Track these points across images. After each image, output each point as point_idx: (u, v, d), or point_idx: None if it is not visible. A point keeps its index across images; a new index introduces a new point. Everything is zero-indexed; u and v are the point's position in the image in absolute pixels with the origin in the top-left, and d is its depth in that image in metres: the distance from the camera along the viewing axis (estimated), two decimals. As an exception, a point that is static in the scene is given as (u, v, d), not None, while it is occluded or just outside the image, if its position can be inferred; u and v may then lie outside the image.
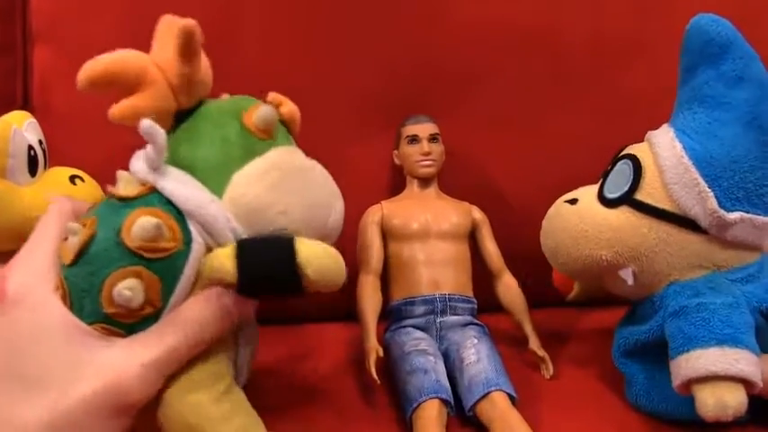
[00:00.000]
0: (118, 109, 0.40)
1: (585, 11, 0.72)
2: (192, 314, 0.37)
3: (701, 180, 0.44)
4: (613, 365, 0.53)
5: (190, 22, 0.39)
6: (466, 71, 0.71)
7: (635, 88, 0.71)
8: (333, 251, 0.39)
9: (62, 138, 0.61)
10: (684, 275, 0.46)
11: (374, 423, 0.50)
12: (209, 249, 0.38)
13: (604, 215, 0.48)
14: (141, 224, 0.36)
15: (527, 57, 0.71)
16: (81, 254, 0.36)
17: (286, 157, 0.42)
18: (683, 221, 0.45)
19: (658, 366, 0.46)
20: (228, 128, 0.41)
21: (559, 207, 0.53)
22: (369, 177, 0.70)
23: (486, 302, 0.61)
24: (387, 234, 0.61)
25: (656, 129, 0.50)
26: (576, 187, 0.55)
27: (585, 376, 0.56)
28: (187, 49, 0.40)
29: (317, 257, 0.38)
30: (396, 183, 0.68)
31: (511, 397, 0.48)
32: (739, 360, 0.39)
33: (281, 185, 0.40)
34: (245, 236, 0.39)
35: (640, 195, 0.47)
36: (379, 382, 0.51)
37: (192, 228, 0.38)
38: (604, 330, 0.62)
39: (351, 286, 0.57)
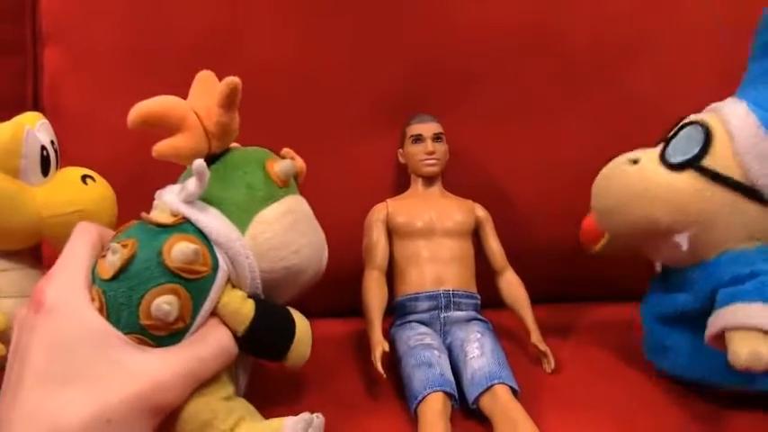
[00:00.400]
0: (161, 147, 0.45)
1: (587, 11, 0.72)
2: (218, 335, 0.43)
3: None
4: (612, 358, 0.54)
5: (235, 78, 0.44)
6: (469, 71, 0.72)
7: (637, 88, 0.72)
8: (308, 327, 0.48)
9: (71, 138, 0.62)
10: (738, 245, 0.46)
11: (380, 416, 0.51)
12: (229, 278, 0.44)
13: (669, 178, 0.48)
14: (181, 248, 0.40)
15: (530, 57, 0.72)
16: (122, 270, 0.41)
17: (298, 204, 0.48)
18: (748, 191, 0.45)
19: (700, 334, 0.45)
20: (254, 174, 0.46)
21: (620, 165, 0.52)
22: (374, 176, 0.71)
23: (489, 299, 0.61)
24: (392, 231, 0.62)
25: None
26: (578, 186, 0.55)
27: (586, 370, 0.57)
28: (229, 102, 0.44)
29: (304, 335, 0.47)
30: (400, 181, 0.69)
31: (513, 390, 0.49)
32: None
33: (295, 228, 0.46)
34: (256, 269, 0.44)
35: (709, 161, 0.46)
36: (384, 375, 0.52)
37: (219, 256, 0.43)
38: (605, 325, 0.65)
39: (356, 282, 0.59)
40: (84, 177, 0.56)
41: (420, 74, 0.71)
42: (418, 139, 0.64)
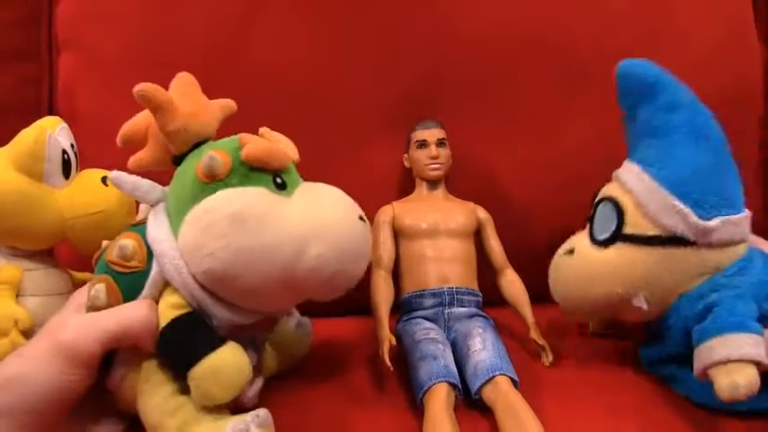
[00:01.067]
0: (130, 162, 0.49)
1: (589, 18, 0.74)
2: (134, 310, 0.43)
3: (675, 201, 0.48)
4: (607, 353, 0.57)
5: (139, 87, 0.44)
6: (472, 78, 0.74)
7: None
8: (235, 377, 0.42)
9: (85, 142, 0.63)
10: (690, 286, 0.49)
11: (388, 406, 0.52)
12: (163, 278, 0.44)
13: (602, 255, 0.52)
14: (117, 244, 0.44)
15: (534, 63, 0.74)
16: (96, 261, 0.47)
17: (222, 202, 0.43)
18: (672, 240, 0.49)
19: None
20: (188, 174, 0.45)
21: (558, 261, 0.57)
22: (380, 179, 0.73)
23: (490, 297, 0.63)
24: (398, 232, 0.64)
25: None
26: (577, 189, 0.57)
27: (582, 364, 0.59)
28: (149, 107, 0.45)
29: (218, 377, 0.41)
30: (406, 185, 0.71)
31: (514, 381, 0.50)
32: (742, 344, 0.42)
33: (211, 229, 0.42)
34: (185, 271, 0.43)
35: (628, 229, 0.50)
36: (392, 368, 0.53)
37: (154, 258, 0.44)
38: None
39: (364, 281, 0.58)
40: (103, 179, 0.58)
41: (425, 81, 0.73)
42: (423, 144, 0.67)
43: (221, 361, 0.41)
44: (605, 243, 0.52)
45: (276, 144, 0.48)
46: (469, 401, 0.51)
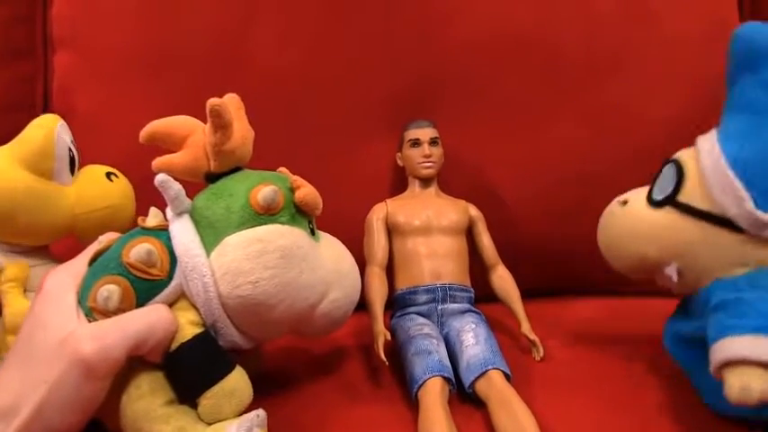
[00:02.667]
0: (158, 161, 0.49)
1: (577, 22, 0.75)
2: (156, 314, 0.43)
3: (738, 183, 0.45)
4: (598, 347, 0.57)
5: (216, 101, 0.45)
6: (464, 79, 0.74)
7: (623, 95, 0.74)
8: (245, 400, 0.43)
9: (81, 141, 0.62)
10: (727, 273, 0.47)
11: (383, 401, 0.53)
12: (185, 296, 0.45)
13: (650, 215, 0.50)
14: (138, 247, 0.43)
15: (523, 65, 0.75)
16: (94, 259, 0.45)
17: (275, 235, 0.45)
18: (722, 222, 0.46)
19: (700, 359, 0.46)
20: (236, 199, 0.46)
21: (612, 208, 0.56)
22: (374, 177, 0.74)
23: (482, 293, 0.64)
24: (391, 229, 0.65)
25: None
26: (566, 187, 0.58)
27: (574, 359, 0.59)
28: (214, 123, 0.46)
29: (229, 399, 0.42)
30: (399, 183, 0.72)
31: (506, 375, 0.51)
32: (762, 347, 0.40)
33: (259, 258, 0.44)
34: (213, 290, 0.43)
35: (683, 197, 0.48)
36: (387, 363, 0.54)
37: (178, 268, 0.44)
38: (592, 319, 0.68)
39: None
40: (108, 174, 0.59)
41: (418, 82, 0.74)
42: (416, 143, 0.68)
43: (236, 383, 0.43)
44: (658, 204, 0.50)
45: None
46: (463, 395, 0.52)
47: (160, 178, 0.45)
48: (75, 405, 0.40)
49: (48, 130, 0.55)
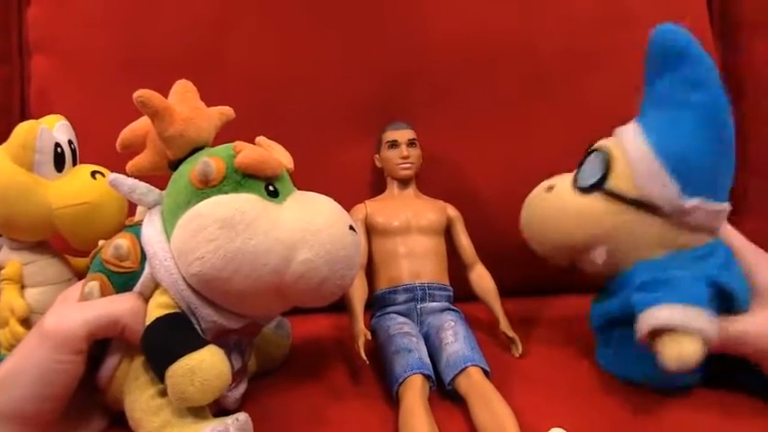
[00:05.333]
0: (128, 165, 0.50)
1: (554, 23, 0.76)
2: (113, 304, 0.45)
3: (664, 171, 0.48)
4: (575, 343, 0.58)
5: (139, 92, 0.45)
6: (442, 80, 0.75)
7: (599, 94, 0.75)
8: (215, 380, 0.41)
9: None
10: (649, 254, 0.50)
11: (365, 399, 0.54)
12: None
13: (579, 200, 0.52)
14: (112, 244, 0.46)
15: (499, 66, 0.76)
16: (92, 259, 0.48)
17: (213, 207, 0.44)
18: (647, 207, 0.49)
19: (624, 339, 0.50)
20: (183, 179, 0.46)
21: (538, 193, 0.58)
22: (353, 179, 0.74)
23: (460, 292, 0.65)
24: (370, 230, 0.65)
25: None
26: None
27: (551, 355, 0.60)
28: (147, 113, 0.46)
29: (194, 377, 0.41)
30: (377, 184, 0.72)
31: (485, 371, 0.52)
32: (700, 318, 0.44)
33: (200, 233, 0.43)
34: (175, 273, 0.44)
35: (610, 184, 0.51)
36: (367, 362, 0.55)
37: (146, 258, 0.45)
38: (567, 315, 0.68)
39: None
40: (93, 173, 0.60)
41: (396, 83, 0.75)
42: (394, 144, 0.68)
43: (198, 362, 0.41)
44: (585, 190, 0.52)
45: (270, 152, 0.49)
46: (443, 392, 0.53)
47: (110, 178, 0.47)
48: (37, 374, 0.41)
49: (33, 124, 0.56)
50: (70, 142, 0.60)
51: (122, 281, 0.45)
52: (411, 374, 0.51)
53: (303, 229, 0.45)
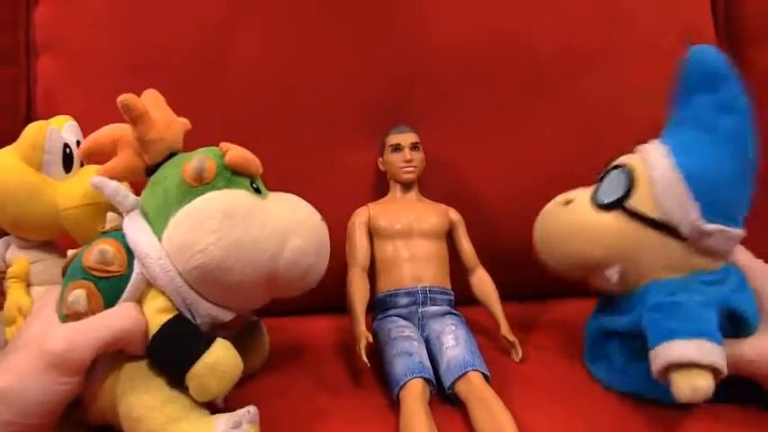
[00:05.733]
0: (100, 170, 0.50)
1: (553, 26, 0.77)
2: (123, 314, 0.44)
3: (688, 193, 0.48)
4: (576, 348, 0.58)
5: (123, 96, 0.47)
6: (443, 84, 0.75)
7: (599, 96, 0.76)
8: (232, 367, 0.45)
9: None
10: (663, 275, 0.50)
11: (365, 401, 0.54)
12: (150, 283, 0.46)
13: (597, 217, 0.52)
14: (95, 249, 0.45)
15: (501, 69, 0.76)
16: (65, 269, 0.48)
17: (212, 201, 0.46)
18: (667, 229, 0.49)
19: (635, 352, 0.51)
20: (170, 179, 0.47)
21: (555, 206, 0.57)
22: (356, 182, 0.75)
23: (462, 296, 0.65)
24: (373, 233, 0.65)
25: (639, 140, 0.54)
26: (545, 190, 0.59)
27: (551, 360, 0.61)
28: (129, 117, 0.48)
29: (214, 371, 0.43)
30: (380, 187, 0.73)
31: (485, 376, 0.52)
32: (712, 352, 0.44)
33: (202, 226, 0.44)
34: (172, 271, 0.45)
35: (632, 202, 0.51)
36: (368, 365, 0.55)
37: (136, 259, 0.46)
38: (569, 321, 0.67)
39: (340, 280, 0.62)
40: None
41: (399, 87, 0.75)
42: (397, 148, 0.68)
43: (216, 357, 0.44)
44: (606, 207, 0.52)
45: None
46: (443, 396, 0.53)
47: (94, 180, 0.48)
48: (39, 396, 0.41)
49: (43, 125, 0.58)
50: (78, 143, 0.60)
51: (109, 286, 0.45)
52: (412, 378, 0.52)
53: (291, 218, 0.48)
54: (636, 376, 0.52)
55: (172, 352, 0.44)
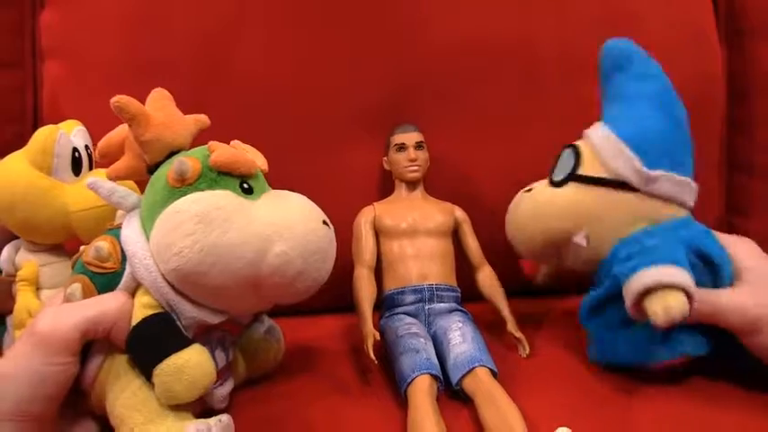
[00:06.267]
0: (107, 172, 0.51)
1: (553, 27, 0.77)
2: (106, 300, 0.45)
3: (625, 147, 0.53)
4: (582, 344, 0.58)
5: (116, 98, 0.47)
6: (449, 85, 0.76)
7: (599, 97, 0.76)
8: (200, 377, 0.43)
9: None
10: (627, 231, 0.53)
11: (373, 399, 0.55)
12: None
13: (556, 193, 0.57)
14: (93, 246, 0.47)
15: (503, 69, 0.76)
16: (74, 264, 0.49)
17: (189, 203, 0.45)
18: (618, 184, 0.53)
19: (618, 320, 0.53)
20: (160, 180, 0.47)
21: (518, 197, 0.61)
22: (361, 181, 0.75)
23: (468, 293, 0.65)
24: (379, 232, 0.66)
25: None
26: None
27: (558, 355, 0.61)
28: (123, 119, 0.48)
29: (183, 376, 0.42)
30: (385, 186, 0.73)
31: (493, 372, 0.53)
32: (676, 273, 0.46)
33: (178, 229, 0.44)
34: (154, 271, 0.45)
35: (581, 170, 0.55)
36: (376, 362, 0.55)
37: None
38: (573, 315, 0.66)
39: (347, 280, 0.62)
40: None
41: (402, 87, 0.75)
42: (401, 147, 0.69)
43: (185, 361, 0.43)
44: (560, 183, 0.56)
45: (244, 153, 0.50)
46: (451, 392, 0.54)
47: (89, 181, 0.48)
48: (30, 378, 0.41)
49: (52, 129, 0.58)
50: (87, 147, 0.61)
51: (104, 281, 0.46)
52: (419, 375, 0.52)
53: (277, 223, 0.46)
54: (626, 343, 0.54)
55: (143, 346, 0.44)
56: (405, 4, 0.76)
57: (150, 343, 0.44)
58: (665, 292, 0.46)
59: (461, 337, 0.57)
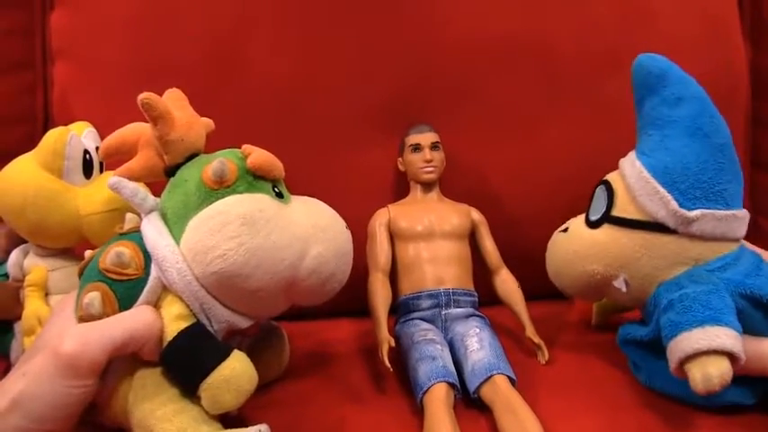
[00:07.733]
0: (117, 171, 0.50)
1: (572, 24, 0.76)
2: (138, 317, 0.44)
3: (659, 187, 0.50)
4: (602, 349, 0.58)
5: (144, 95, 0.46)
6: (462, 83, 0.75)
7: (618, 95, 0.72)
8: (247, 381, 0.44)
9: None
10: (669, 274, 0.51)
11: (388, 407, 0.54)
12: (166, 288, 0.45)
13: (591, 235, 0.55)
14: (112, 252, 0.44)
15: (519, 67, 0.75)
16: (81, 271, 0.47)
17: (233, 205, 0.45)
18: (654, 226, 0.51)
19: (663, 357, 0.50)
20: (190, 182, 0.46)
21: (554, 237, 0.60)
22: (376, 183, 0.74)
23: (485, 296, 0.64)
24: (394, 235, 0.65)
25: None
26: (566, 189, 0.59)
27: (578, 361, 0.60)
28: (150, 116, 0.47)
29: (229, 383, 0.42)
30: (400, 188, 0.72)
31: (511, 380, 0.52)
32: (719, 335, 0.44)
33: (222, 231, 0.43)
34: (189, 275, 0.44)
35: (616, 212, 0.53)
36: (391, 369, 0.54)
37: (153, 263, 0.45)
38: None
39: (361, 284, 0.61)
40: None
41: (417, 86, 0.74)
42: (417, 148, 0.68)
43: (231, 370, 0.43)
44: (595, 224, 0.55)
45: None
46: (468, 400, 0.53)
47: (112, 181, 0.47)
48: (54, 400, 0.40)
49: (63, 131, 0.58)
50: (98, 149, 0.60)
51: (125, 289, 0.44)
52: (435, 383, 0.51)
53: (313, 225, 0.48)
54: (674, 382, 0.50)
55: (186, 361, 0.43)
56: (419, 0, 0.74)
57: (192, 358, 0.43)
58: (707, 357, 0.44)
59: (479, 344, 0.56)
